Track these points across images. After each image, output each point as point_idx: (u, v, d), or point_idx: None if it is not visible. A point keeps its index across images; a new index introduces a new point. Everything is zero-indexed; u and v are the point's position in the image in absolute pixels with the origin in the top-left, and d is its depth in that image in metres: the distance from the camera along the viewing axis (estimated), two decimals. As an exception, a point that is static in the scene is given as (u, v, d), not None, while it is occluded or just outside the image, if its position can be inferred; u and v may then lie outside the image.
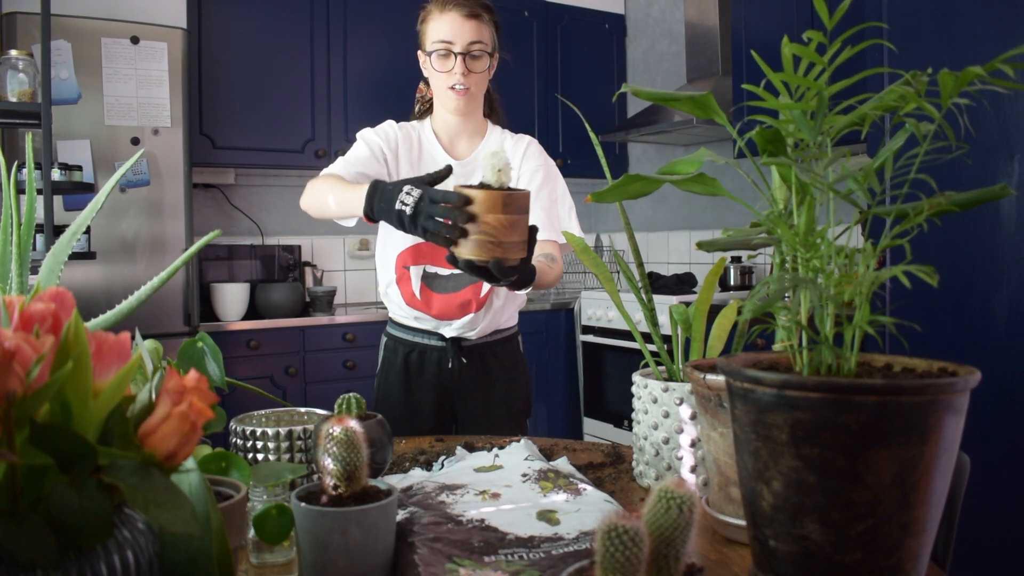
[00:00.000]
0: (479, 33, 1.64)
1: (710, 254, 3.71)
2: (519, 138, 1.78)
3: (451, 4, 1.65)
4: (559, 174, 1.79)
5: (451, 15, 1.64)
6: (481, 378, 1.71)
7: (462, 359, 1.70)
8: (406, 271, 1.69)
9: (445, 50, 1.64)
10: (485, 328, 1.71)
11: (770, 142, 0.73)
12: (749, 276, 3.58)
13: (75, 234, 0.89)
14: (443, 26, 1.64)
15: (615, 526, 0.56)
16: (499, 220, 1.13)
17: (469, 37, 1.63)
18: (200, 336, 1.05)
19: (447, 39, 1.63)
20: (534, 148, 1.77)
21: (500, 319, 1.74)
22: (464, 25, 1.63)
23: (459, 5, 1.64)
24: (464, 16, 1.64)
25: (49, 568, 0.45)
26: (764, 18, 3.14)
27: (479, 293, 1.68)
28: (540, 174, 1.72)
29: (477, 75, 1.66)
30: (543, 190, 1.71)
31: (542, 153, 1.77)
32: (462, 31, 1.63)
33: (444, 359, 1.70)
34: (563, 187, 1.77)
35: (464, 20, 1.63)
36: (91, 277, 2.75)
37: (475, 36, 1.64)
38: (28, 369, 0.45)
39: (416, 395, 1.71)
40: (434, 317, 1.68)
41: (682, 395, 1.05)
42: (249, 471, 0.85)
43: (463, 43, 1.63)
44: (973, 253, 1.91)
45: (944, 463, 0.65)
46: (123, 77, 2.79)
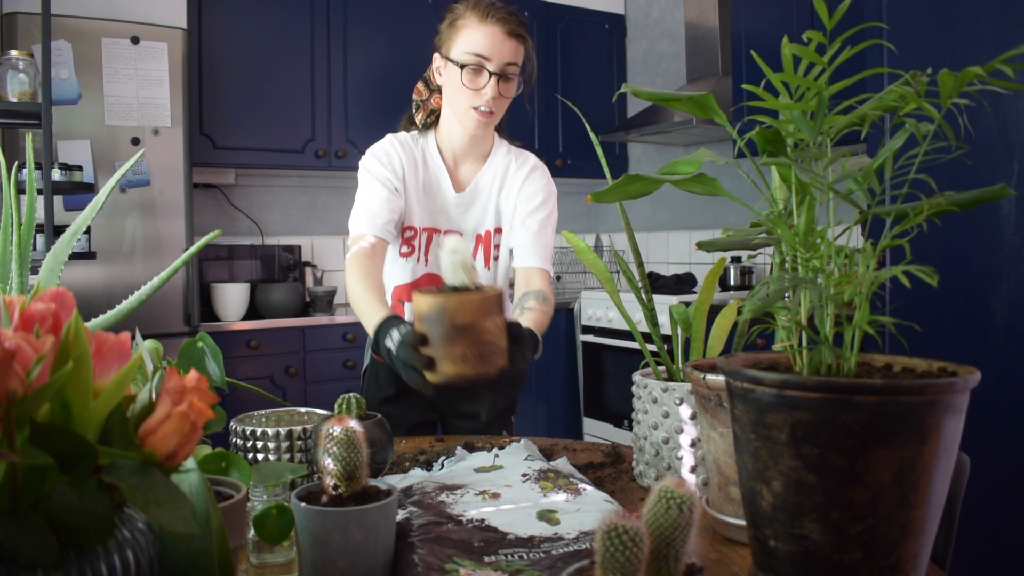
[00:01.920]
0: (516, 54, 1.52)
1: (710, 254, 3.71)
2: (524, 159, 1.69)
3: (494, 16, 1.50)
4: (555, 204, 1.70)
5: (492, 28, 1.49)
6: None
7: None
8: (401, 304, 1.65)
9: (478, 65, 1.50)
10: None
11: (770, 142, 0.73)
12: (749, 276, 3.58)
13: (75, 234, 0.89)
14: (481, 39, 1.49)
15: (615, 526, 0.56)
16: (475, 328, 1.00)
17: (507, 56, 1.50)
18: (200, 336, 1.05)
19: (484, 53, 1.49)
20: (538, 173, 1.67)
21: None
22: (505, 43, 1.49)
23: (502, 20, 1.50)
24: (506, 33, 1.49)
25: (49, 568, 0.45)
26: (764, 18, 3.14)
27: None
28: (538, 199, 1.64)
29: (504, 99, 1.55)
30: (538, 213, 1.63)
31: (545, 177, 1.68)
32: (502, 48, 1.49)
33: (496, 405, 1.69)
34: (556, 219, 1.68)
35: (506, 37, 1.49)
36: (91, 277, 2.75)
37: (513, 56, 1.51)
38: (28, 369, 0.45)
39: (402, 397, 1.71)
40: None
41: (682, 395, 1.05)
42: (249, 471, 0.85)
43: (500, 62, 1.50)
44: (973, 253, 1.91)
45: (944, 463, 0.65)
46: (123, 77, 2.79)
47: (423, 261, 1.64)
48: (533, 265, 1.60)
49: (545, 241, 1.62)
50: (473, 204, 1.65)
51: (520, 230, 1.63)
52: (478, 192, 1.65)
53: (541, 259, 1.61)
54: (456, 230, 1.65)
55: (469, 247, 1.07)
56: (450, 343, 1.01)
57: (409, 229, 1.63)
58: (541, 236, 1.62)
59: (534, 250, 1.60)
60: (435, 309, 1.01)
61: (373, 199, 1.55)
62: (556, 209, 1.68)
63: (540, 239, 1.61)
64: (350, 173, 3.67)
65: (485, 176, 1.65)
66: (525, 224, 1.62)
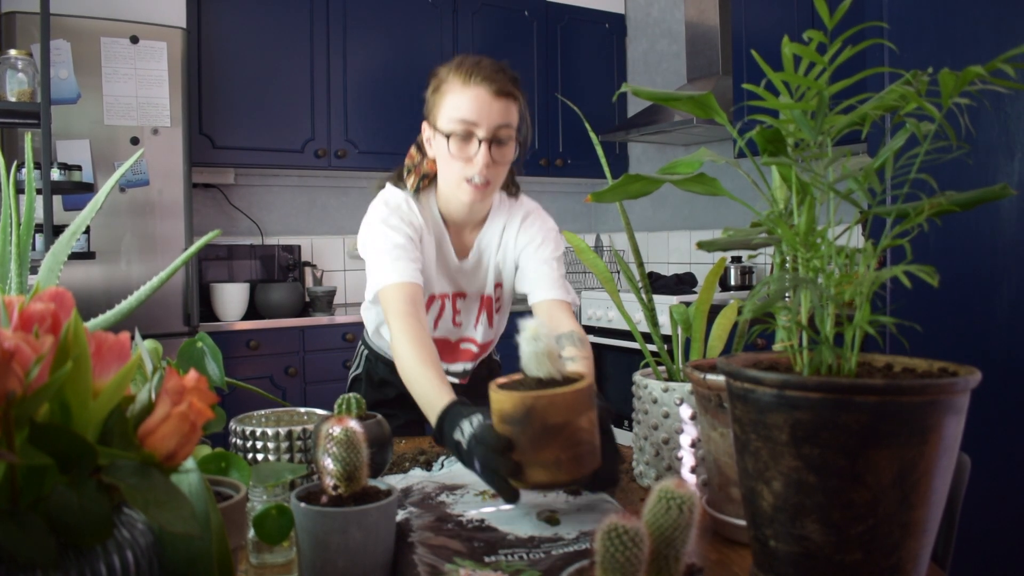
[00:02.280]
0: (508, 114, 1.38)
1: (710, 254, 3.71)
2: (516, 210, 1.55)
3: (478, 76, 1.37)
4: (561, 242, 1.54)
5: (478, 90, 1.36)
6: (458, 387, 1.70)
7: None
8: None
9: (466, 132, 1.37)
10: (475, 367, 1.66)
11: (770, 142, 0.73)
12: (749, 276, 3.58)
13: (74, 234, 0.89)
14: (467, 103, 1.36)
15: (615, 526, 0.56)
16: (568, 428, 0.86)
17: (497, 119, 1.36)
18: (200, 336, 1.05)
19: (471, 119, 1.35)
20: (531, 219, 1.54)
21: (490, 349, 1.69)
22: (493, 104, 1.36)
23: (488, 79, 1.36)
24: (493, 93, 1.36)
25: (49, 568, 0.45)
26: (764, 18, 3.13)
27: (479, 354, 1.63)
28: (538, 239, 1.51)
29: (500, 166, 1.40)
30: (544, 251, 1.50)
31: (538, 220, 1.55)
32: (490, 111, 1.36)
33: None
34: (561, 253, 1.54)
35: (493, 98, 1.36)
36: (91, 277, 2.74)
37: (503, 118, 1.37)
38: (28, 369, 0.45)
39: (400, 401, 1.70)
40: None
41: (682, 395, 1.05)
42: (249, 471, 0.85)
43: (490, 126, 1.36)
44: (974, 253, 1.91)
45: (944, 463, 0.65)
46: (123, 77, 2.79)
47: (431, 326, 1.55)
48: (553, 297, 1.45)
49: (556, 274, 1.49)
50: (476, 269, 1.56)
51: (529, 269, 1.51)
52: (481, 255, 1.55)
53: (561, 290, 1.46)
54: (460, 292, 1.57)
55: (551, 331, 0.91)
56: (541, 447, 0.87)
57: None
58: (552, 272, 1.49)
59: (550, 281, 1.46)
60: (521, 409, 0.87)
61: (399, 246, 1.39)
62: (562, 248, 1.54)
63: (551, 274, 1.48)
64: (350, 173, 3.67)
65: (486, 238, 1.55)
66: (533, 263, 1.50)
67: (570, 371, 0.92)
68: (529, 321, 0.90)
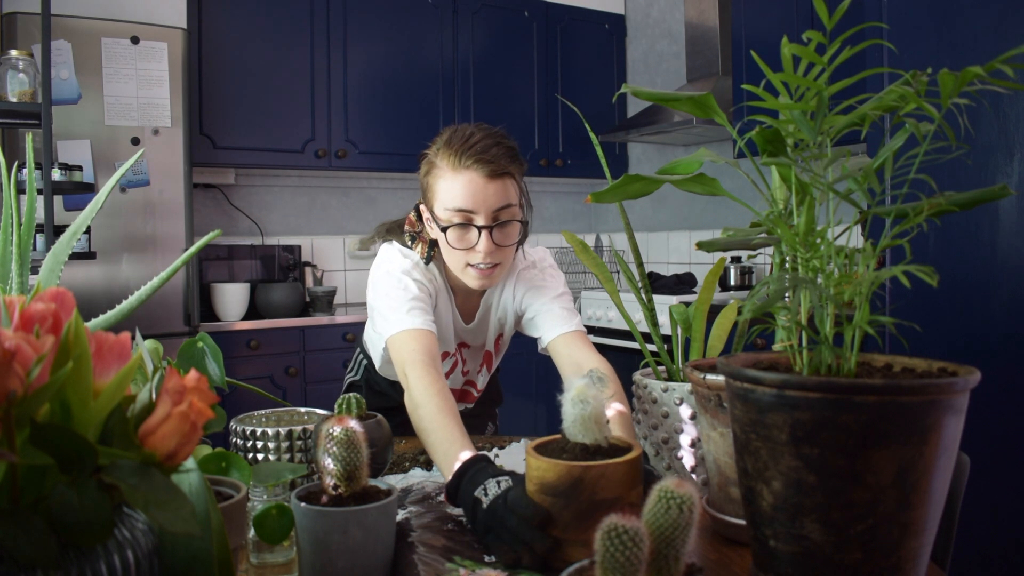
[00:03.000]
0: (507, 194, 1.27)
1: (710, 254, 3.71)
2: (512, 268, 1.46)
3: (469, 158, 1.25)
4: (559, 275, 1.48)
5: (471, 176, 1.25)
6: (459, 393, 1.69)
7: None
8: None
9: (465, 220, 1.27)
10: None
11: (770, 142, 0.73)
12: (749, 276, 3.58)
13: (75, 234, 0.89)
14: (460, 190, 1.25)
15: (615, 526, 0.56)
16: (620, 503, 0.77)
17: (496, 203, 1.26)
18: (200, 336, 1.05)
19: (467, 207, 1.25)
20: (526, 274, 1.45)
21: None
22: (488, 188, 1.25)
23: (480, 162, 1.24)
24: (487, 177, 1.25)
25: (49, 568, 0.45)
26: (764, 18, 3.14)
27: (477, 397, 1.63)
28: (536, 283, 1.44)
29: (507, 249, 1.31)
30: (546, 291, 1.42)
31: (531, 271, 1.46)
32: (486, 197, 1.25)
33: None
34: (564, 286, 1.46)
35: (488, 182, 1.25)
36: (91, 277, 2.75)
37: (502, 199, 1.26)
38: (28, 369, 0.45)
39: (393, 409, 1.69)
40: None
41: (682, 395, 1.05)
42: (249, 471, 0.85)
43: (488, 212, 1.26)
44: (973, 253, 1.91)
45: (944, 463, 0.65)
46: (123, 77, 2.79)
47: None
48: (566, 331, 1.36)
49: (559, 309, 1.40)
50: (481, 328, 1.53)
51: (535, 315, 1.43)
52: (487, 316, 1.52)
53: (569, 322, 1.38)
54: (467, 343, 1.55)
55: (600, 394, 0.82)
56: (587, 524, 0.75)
57: None
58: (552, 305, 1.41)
59: (556, 319, 1.38)
60: (568, 479, 0.77)
61: (417, 298, 1.32)
62: (560, 280, 1.47)
63: (555, 310, 1.40)
64: (350, 173, 3.67)
65: (489, 299, 1.50)
66: (535, 308, 1.42)
67: (615, 438, 0.84)
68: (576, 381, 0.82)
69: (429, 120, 3.61)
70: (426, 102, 3.63)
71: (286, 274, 3.56)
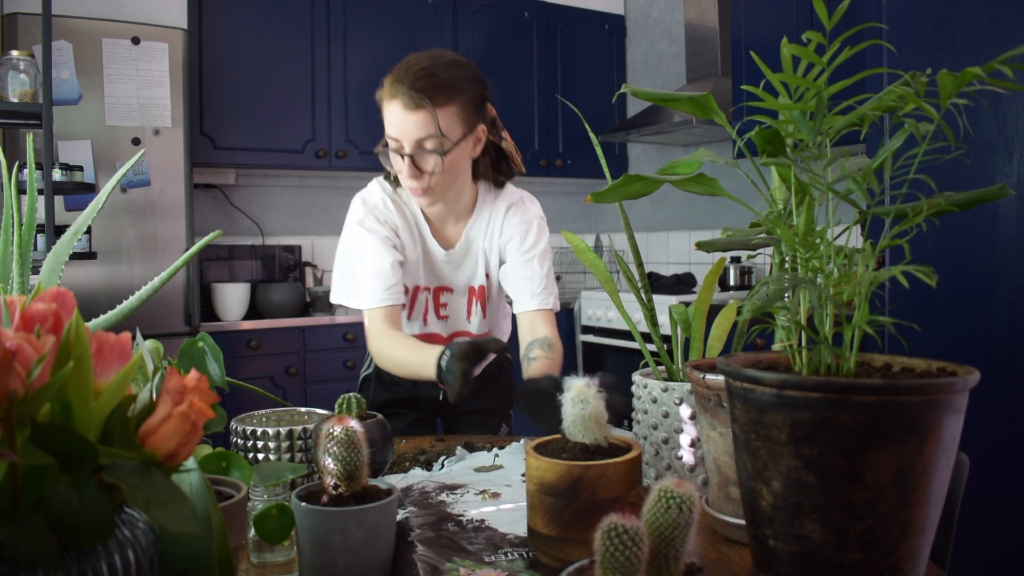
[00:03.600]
0: (426, 126, 1.32)
1: (710, 254, 3.71)
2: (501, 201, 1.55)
3: (396, 89, 1.33)
4: (546, 229, 1.56)
5: (395, 106, 1.33)
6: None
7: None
8: None
9: (395, 147, 1.37)
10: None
11: (769, 142, 0.73)
12: (749, 276, 3.58)
13: (76, 234, 0.89)
14: (389, 119, 1.36)
15: (615, 526, 0.56)
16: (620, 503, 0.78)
17: (415, 133, 1.33)
18: (201, 336, 1.05)
19: (394, 135, 1.35)
20: (513, 210, 1.54)
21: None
22: (407, 119, 1.33)
23: (403, 93, 1.32)
24: (406, 108, 1.32)
25: (50, 568, 0.45)
26: (764, 18, 3.14)
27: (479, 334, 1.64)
28: (518, 236, 1.52)
29: (435, 175, 1.37)
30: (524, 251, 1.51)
31: (520, 211, 1.54)
32: (406, 127, 1.33)
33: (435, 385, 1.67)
34: (545, 244, 1.54)
35: (407, 113, 1.32)
36: (92, 277, 2.75)
37: (422, 131, 1.33)
38: (29, 369, 0.45)
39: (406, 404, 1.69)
40: None
41: (682, 395, 1.05)
42: (249, 471, 0.85)
43: (409, 141, 1.34)
44: (972, 253, 1.91)
45: (943, 463, 0.65)
46: (124, 77, 2.80)
47: (419, 320, 1.59)
48: (531, 308, 1.50)
49: (538, 277, 1.51)
50: (464, 260, 1.57)
51: (510, 275, 1.54)
52: (468, 246, 1.56)
53: (538, 299, 1.50)
54: (447, 286, 1.59)
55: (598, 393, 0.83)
56: (587, 524, 0.73)
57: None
58: (533, 274, 1.51)
59: (528, 291, 1.50)
60: (568, 479, 0.77)
61: (381, 262, 1.45)
62: (545, 237, 1.55)
63: (533, 278, 1.51)
64: (350, 173, 3.67)
65: (474, 229, 1.55)
66: (513, 267, 1.52)
67: (616, 438, 0.85)
68: (575, 381, 0.83)
69: (429, 120, 3.61)
70: (426, 102, 3.62)
71: (286, 274, 3.56)
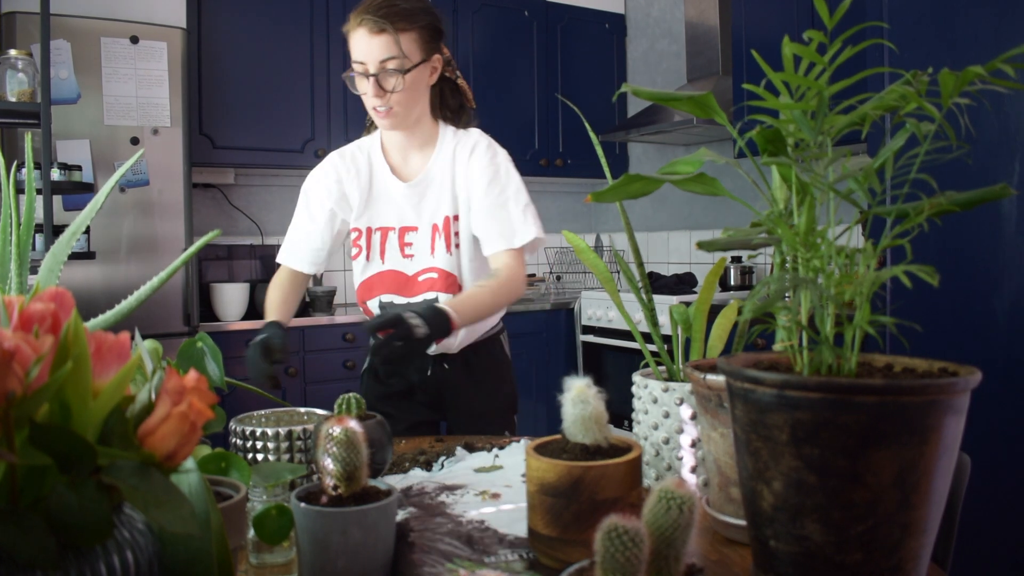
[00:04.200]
0: (388, 48, 1.47)
1: (710, 254, 3.71)
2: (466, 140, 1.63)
3: (359, 17, 1.48)
4: (512, 170, 1.61)
5: (360, 31, 1.49)
6: (465, 380, 1.70)
7: (444, 365, 1.68)
8: (365, 305, 1.68)
9: (361, 70, 1.51)
10: (464, 340, 1.67)
11: (770, 142, 0.73)
12: (749, 276, 3.58)
13: (75, 234, 0.89)
14: (355, 44, 1.50)
15: (615, 526, 0.56)
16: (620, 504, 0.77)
17: (379, 54, 1.48)
18: (200, 336, 1.05)
19: (359, 59, 1.50)
20: (479, 151, 1.61)
21: (479, 328, 1.69)
22: (372, 42, 1.47)
23: (367, 20, 1.47)
24: (371, 32, 1.47)
25: (49, 568, 0.45)
26: (764, 18, 3.13)
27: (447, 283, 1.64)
28: (485, 177, 1.58)
29: (397, 94, 1.51)
30: (490, 192, 1.57)
31: (487, 153, 1.61)
32: (371, 49, 1.48)
33: (426, 366, 1.68)
34: (516, 184, 1.60)
35: (371, 36, 1.47)
36: (91, 277, 2.74)
37: (385, 52, 1.48)
38: (28, 369, 0.45)
39: (403, 396, 1.71)
40: None
41: (682, 395, 1.05)
42: (249, 471, 0.85)
43: (374, 62, 1.48)
44: (973, 253, 1.91)
45: (945, 463, 0.65)
46: (123, 77, 2.79)
47: (377, 260, 1.66)
48: (499, 249, 1.57)
49: (504, 217, 1.57)
50: (426, 193, 1.63)
51: (476, 217, 1.59)
52: (430, 181, 1.62)
53: (504, 239, 1.56)
54: (411, 226, 1.64)
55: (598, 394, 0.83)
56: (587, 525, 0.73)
57: (355, 231, 1.68)
58: (499, 214, 1.57)
59: (495, 232, 1.57)
60: (568, 480, 0.77)
61: (298, 230, 1.70)
62: (511, 176, 1.60)
63: (499, 218, 1.57)
64: (350, 173, 3.66)
65: (436, 164, 1.62)
66: (479, 209, 1.58)
67: (616, 439, 0.84)
68: (575, 381, 0.83)
69: (429, 120, 3.61)
70: (426, 102, 3.62)
71: (286, 274, 3.56)
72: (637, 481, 0.81)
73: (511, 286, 1.54)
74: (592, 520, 0.71)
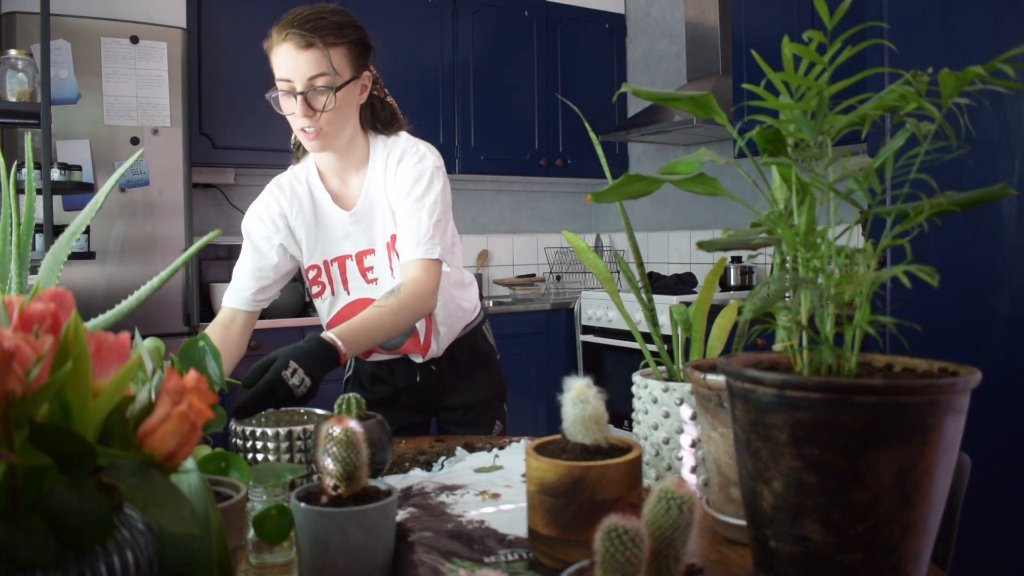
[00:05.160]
0: (318, 64, 1.38)
1: (710, 254, 3.71)
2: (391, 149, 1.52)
3: (285, 31, 1.39)
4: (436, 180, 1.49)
5: (286, 46, 1.39)
6: (452, 376, 1.69)
7: (432, 367, 1.67)
8: None
9: (287, 88, 1.41)
10: (443, 344, 1.64)
11: (770, 142, 0.73)
12: (749, 276, 3.58)
13: (74, 234, 0.89)
14: (280, 60, 1.40)
15: (615, 526, 0.56)
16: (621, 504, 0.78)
17: (307, 71, 1.38)
18: (200, 336, 1.05)
19: (285, 76, 1.40)
20: (408, 153, 1.50)
21: (457, 325, 1.67)
22: (299, 58, 1.38)
23: (293, 34, 1.38)
24: (298, 47, 1.38)
25: (49, 568, 0.45)
26: (764, 18, 3.13)
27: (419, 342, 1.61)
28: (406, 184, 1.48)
29: (327, 113, 1.40)
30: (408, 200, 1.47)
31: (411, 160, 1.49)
32: (298, 65, 1.38)
33: (412, 370, 1.67)
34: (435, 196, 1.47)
35: (299, 51, 1.38)
36: (91, 277, 2.74)
37: (314, 68, 1.38)
38: (28, 369, 0.45)
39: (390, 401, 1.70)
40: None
41: (682, 395, 1.05)
42: (249, 471, 0.85)
43: (301, 79, 1.39)
44: (974, 253, 1.91)
45: (945, 463, 0.65)
46: (123, 77, 2.79)
47: (343, 292, 1.57)
48: (410, 258, 1.44)
49: (416, 225, 1.45)
50: (372, 216, 1.53)
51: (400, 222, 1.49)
52: (372, 202, 1.53)
53: (412, 248, 1.44)
54: (367, 249, 1.55)
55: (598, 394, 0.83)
56: (587, 526, 0.74)
57: (312, 268, 1.57)
58: (412, 221, 1.45)
59: (408, 239, 1.45)
60: (568, 480, 0.77)
61: (242, 268, 1.54)
62: (433, 185, 1.48)
63: (411, 225, 1.45)
64: (350, 173, 3.67)
65: (372, 184, 1.53)
66: (402, 214, 1.48)
67: (616, 439, 0.84)
68: (575, 381, 0.83)
69: (429, 120, 3.61)
70: (426, 102, 3.62)
71: (286, 274, 3.56)
72: (637, 481, 0.81)
73: (414, 304, 1.39)
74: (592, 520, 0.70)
